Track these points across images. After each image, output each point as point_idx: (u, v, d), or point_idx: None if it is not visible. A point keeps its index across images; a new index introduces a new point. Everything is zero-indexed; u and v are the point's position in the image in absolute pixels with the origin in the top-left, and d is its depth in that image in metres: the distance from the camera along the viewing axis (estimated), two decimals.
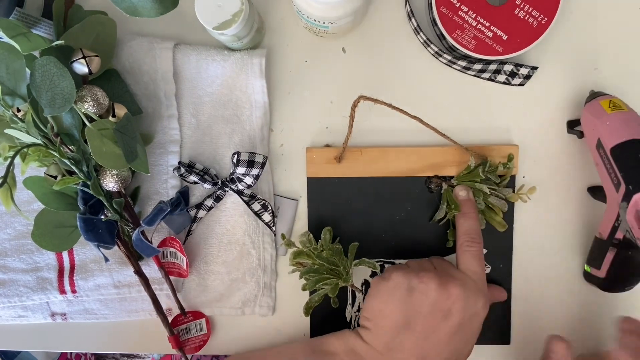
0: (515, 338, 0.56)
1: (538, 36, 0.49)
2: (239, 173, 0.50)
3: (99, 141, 0.44)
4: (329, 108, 0.54)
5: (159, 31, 0.53)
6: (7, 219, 0.56)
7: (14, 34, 0.41)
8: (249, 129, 0.54)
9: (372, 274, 0.55)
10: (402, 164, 0.53)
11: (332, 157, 0.53)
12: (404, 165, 0.53)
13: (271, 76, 0.54)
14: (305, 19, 0.48)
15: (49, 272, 0.56)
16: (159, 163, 0.54)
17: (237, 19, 0.45)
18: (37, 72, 0.42)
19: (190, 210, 0.54)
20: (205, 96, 0.53)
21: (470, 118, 0.54)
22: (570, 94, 0.53)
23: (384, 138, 0.54)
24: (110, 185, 0.48)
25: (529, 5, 0.48)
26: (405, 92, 0.54)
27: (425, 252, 0.54)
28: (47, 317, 0.57)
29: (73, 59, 0.45)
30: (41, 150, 0.45)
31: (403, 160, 0.53)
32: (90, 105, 0.45)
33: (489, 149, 0.53)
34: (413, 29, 0.52)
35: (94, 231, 0.48)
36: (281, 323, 0.57)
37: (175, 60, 0.52)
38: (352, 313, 0.55)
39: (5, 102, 0.43)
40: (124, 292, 0.55)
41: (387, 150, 0.53)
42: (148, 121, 0.53)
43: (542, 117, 0.54)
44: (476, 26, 0.49)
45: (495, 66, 0.51)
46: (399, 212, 0.54)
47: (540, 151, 0.54)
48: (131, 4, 0.43)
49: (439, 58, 0.52)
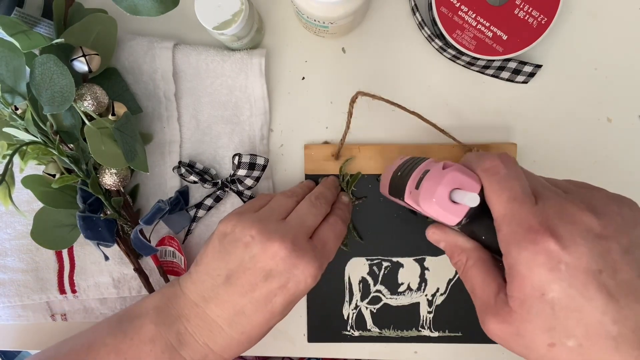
0: None
1: (538, 36, 0.49)
2: (239, 175, 0.50)
3: (98, 140, 0.44)
4: (329, 108, 0.54)
5: (159, 30, 0.54)
6: (7, 219, 0.56)
7: (14, 31, 0.41)
8: (249, 129, 0.54)
9: (370, 271, 0.55)
10: None
11: (329, 154, 0.53)
12: None
13: (271, 76, 0.54)
14: (305, 19, 0.48)
15: (48, 272, 0.56)
16: (158, 162, 0.54)
17: (237, 19, 0.45)
18: (36, 70, 0.42)
19: (190, 210, 0.54)
20: (205, 96, 0.53)
21: (469, 115, 0.54)
22: (570, 94, 0.53)
23: (382, 135, 0.54)
24: (109, 184, 0.48)
25: (529, 5, 0.48)
26: (406, 91, 0.54)
27: (423, 249, 0.54)
28: (47, 317, 0.57)
29: (73, 57, 0.45)
30: (40, 149, 0.46)
31: None
32: (89, 104, 0.45)
33: (487, 147, 0.52)
34: (417, 24, 0.52)
35: (93, 229, 0.48)
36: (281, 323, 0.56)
37: (175, 60, 0.52)
38: (349, 310, 0.55)
39: (4, 99, 0.43)
40: (123, 292, 0.55)
41: (385, 147, 0.53)
42: (147, 121, 0.53)
43: (541, 117, 0.54)
44: (476, 26, 0.49)
45: (499, 62, 0.51)
46: (397, 210, 0.54)
47: (539, 151, 0.54)
48: (132, 3, 0.43)
49: (443, 53, 0.52)
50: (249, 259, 0.41)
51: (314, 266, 0.42)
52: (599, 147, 0.54)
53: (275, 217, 0.44)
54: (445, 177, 0.33)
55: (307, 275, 0.42)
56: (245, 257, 0.42)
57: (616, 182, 0.54)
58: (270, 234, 0.41)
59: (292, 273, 0.41)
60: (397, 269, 0.55)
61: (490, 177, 0.34)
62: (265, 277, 0.41)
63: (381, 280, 0.55)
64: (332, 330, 0.56)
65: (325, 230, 0.46)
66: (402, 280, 0.55)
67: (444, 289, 0.55)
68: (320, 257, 0.43)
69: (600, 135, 0.54)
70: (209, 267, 0.43)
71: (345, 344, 0.56)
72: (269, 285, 0.41)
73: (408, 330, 0.55)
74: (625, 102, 0.53)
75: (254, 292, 0.42)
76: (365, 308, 0.55)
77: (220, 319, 0.42)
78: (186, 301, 0.43)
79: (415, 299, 0.55)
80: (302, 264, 0.41)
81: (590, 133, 0.54)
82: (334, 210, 0.49)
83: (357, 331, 0.55)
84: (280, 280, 0.41)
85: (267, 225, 0.42)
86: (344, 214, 0.50)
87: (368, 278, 0.55)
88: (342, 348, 0.56)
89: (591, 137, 0.54)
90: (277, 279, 0.41)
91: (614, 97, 0.53)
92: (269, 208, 0.46)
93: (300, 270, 0.41)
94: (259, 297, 0.42)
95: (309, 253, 0.42)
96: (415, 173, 0.38)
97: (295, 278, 0.42)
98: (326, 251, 0.45)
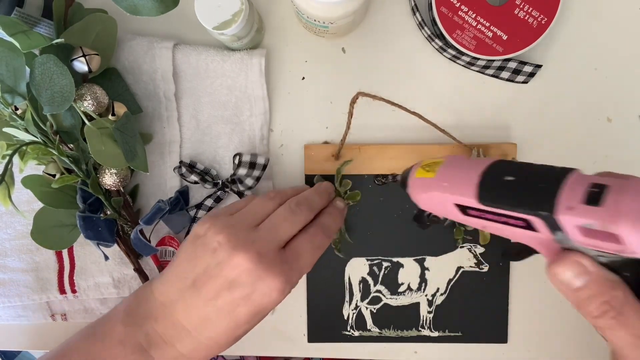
0: (512, 337, 0.56)
1: (538, 36, 0.49)
2: (240, 174, 0.50)
3: (98, 140, 0.44)
4: (329, 108, 0.54)
5: (158, 30, 0.54)
6: (7, 219, 0.56)
7: (14, 31, 0.41)
8: (249, 129, 0.54)
9: (370, 271, 0.55)
10: (401, 161, 0.53)
11: (330, 154, 0.53)
12: (402, 163, 0.53)
13: (271, 76, 0.54)
14: (305, 19, 0.48)
15: (48, 271, 0.56)
16: (158, 163, 0.54)
17: (237, 19, 0.45)
18: (36, 70, 0.42)
19: (190, 210, 0.54)
20: (205, 96, 0.53)
21: (469, 115, 0.54)
22: (570, 94, 0.53)
23: (382, 135, 0.54)
24: (109, 184, 0.48)
25: (529, 5, 0.48)
26: (406, 91, 0.54)
27: (423, 250, 0.54)
28: (47, 317, 0.57)
29: (73, 57, 0.45)
30: (40, 149, 0.46)
31: (401, 158, 0.53)
32: (89, 104, 0.45)
33: (487, 147, 0.52)
34: (417, 24, 0.52)
35: (93, 229, 0.48)
36: (281, 323, 0.57)
37: (175, 60, 0.52)
38: (349, 310, 0.55)
39: (4, 99, 0.43)
40: (123, 292, 0.55)
41: (385, 147, 0.53)
42: (147, 121, 0.53)
43: (541, 117, 0.54)
44: (476, 26, 0.49)
45: (499, 62, 0.51)
46: (397, 210, 0.54)
47: (539, 151, 0.54)
48: (132, 3, 0.43)
49: (443, 53, 0.52)
50: (215, 266, 0.40)
51: (279, 280, 0.40)
52: (599, 147, 0.54)
53: (247, 223, 0.42)
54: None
55: (272, 289, 0.40)
56: (212, 263, 0.40)
57: None
58: (237, 243, 0.40)
59: (257, 286, 0.40)
60: (397, 269, 0.55)
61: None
62: (228, 286, 0.40)
63: (381, 281, 0.55)
64: (332, 330, 0.56)
65: (301, 241, 0.43)
66: (402, 281, 0.55)
67: (444, 289, 0.55)
68: (289, 270, 0.41)
69: (600, 135, 0.54)
70: (179, 269, 0.42)
71: (345, 344, 0.56)
72: (231, 294, 0.40)
73: (408, 330, 0.55)
74: (625, 102, 0.53)
75: (217, 299, 0.40)
76: (365, 308, 0.55)
77: (187, 323, 0.41)
78: (155, 302, 0.42)
79: (415, 299, 0.55)
80: (268, 277, 0.39)
81: (590, 133, 0.54)
82: (320, 217, 0.46)
83: (357, 331, 0.55)
84: (243, 292, 0.40)
85: (236, 232, 0.41)
86: (332, 221, 0.47)
87: (368, 278, 0.55)
88: (342, 348, 0.56)
89: (591, 137, 0.54)
90: (240, 289, 0.40)
91: (614, 97, 0.53)
92: (244, 212, 0.44)
93: (265, 284, 0.40)
94: (222, 305, 0.40)
95: (277, 267, 0.40)
96: (571, 184, 0.30)
97: (259, 291, 0.40)
98: (299, 264, 0.42)
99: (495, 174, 0.34)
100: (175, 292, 0.42)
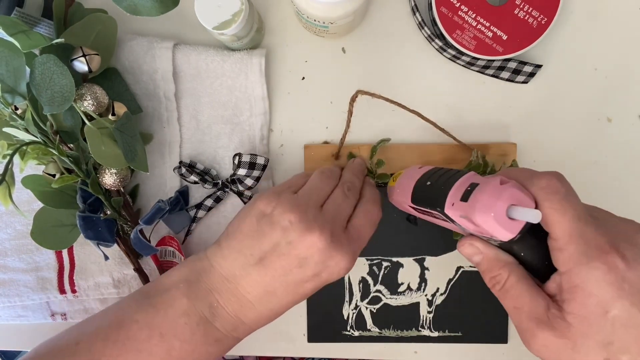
0: (512, 337, 0.56)
1: (538, 36, 0.49)
2: (240, 174, 0.50)
3: (98, 140, 0.44)
4: (329, 108, 0.54)
5: (158, 31, 0.54)
6: (7, 219, 0.56)
7: (14, 31, 0.41)
8: (249, 129, 0.54)
9: (370, 271, 0.55)
10: (400, 161, 0.53)
11: (330, 154, 0.53)
12: (402, 163, 0.53)
13: (271, 76, 0.54)
14: (305, 19, 0.48)
15: (49, 271, 0.56)
16: (158, 163, 0.54)
17: (237, 19, 0.45)
18: (36, 70, 0.42)
19: (190, 210, 0.54)
20: (205, 96, 0.53)
21: (469, 115, 0.54)
22: (570, 93, 0.53)
23: (382, 135, 0.54)
24: (109, 184, 0.48)
25: (529, 5, 0.48)
26: (406, 91, 0.54)
27: (423, 249, 0.54)
28: (47, 317, 0.57)
29: (73, 57, 0.45)
30: (40, 149, 0.46)
31: (401, 158, 0.53)
32: (89, 104, 0.45)
33: (486, 147, 0.52)
34: (417, 24, 0.52)
35: (93, 229, 0.48)
36: (281, 323, 0.56)
37: (175, 60, 0.52)
38: (349, 310, 0.55)
39: (4, 99, 0.43)
40: (123, 292, 0.55)
41: (385, 147, 0.53)
42: (147, 121, 0.53)
43: (541, 117, 0.54)
44: (476, 26, 0.49)
45: (499, 62, 0.51)
46: (397, 210, 0.54)
47: (539, 151, 0.54)
48: (132, 3, 0.43)
49: (443, 53, 0.52)
50: (285, 244, 0.41)
51: (348, 259, 0.42)
52: (599, 147, 0.54)
53: (313, 203, 0.44)
54: (505, 193, 0.33)
55: (341, 267, 0.42)
56: (282, 242, 0.41)
57: (616, 182, 0.54)
58: (310, 223, 0.41)
59: (327, 264, 0.42)
60: (397, 269, 0.55)
61: (551, 196, 0.33)
62: (299, 264, 0.41)
63: (381, 280, 0.55)
64: (332, 330, 0.56)
65: (360, 218, 0.46)
66: (402, 280, 0.55)
67: (443, 289, 0.55)
68: (355, 248, 0.44)
69: (600, 135, 0.54)
70: (242, 245, 0.43)
71: (345, 344, 0.56)
72: (303, 272, 0.42)
73: (408, 330, 0.55)
74: (625, 102, 0.53)
75: (287, 276, 0.42)
76: (365, 308, 0.55)
77: (251, 296, 0.43)
78: (217, 276, 0.43)
79: (415, 299, 0.55)
80: (337, 256, 0.42)
81: (590, 133, 0.54)
82: (364, 195, 0.48)
83: (357, 331, 0.55)
84: (314, 269, 0.42)
85: (306, 212, 0.42)
86: (376, 196, 0.49)
87: (368, 278, 0.55)
88: (342, 348, 0.56)
89: (591, 137, 0.54)
90: (311, 267, 0.42)
91: (614, 97, 0.53)
92: (308, 192, 0.45)
93: (335, 262, 0.42)
94: (291, 281, 0.42)
95: (345, 246, 0.42)
96: (458, 185, 0.37)
97: (329, 269, 0.42)
98: (361, 240, 0.45)
99: (423, 181, 0.42)
100: (239, 268, 0.43)
